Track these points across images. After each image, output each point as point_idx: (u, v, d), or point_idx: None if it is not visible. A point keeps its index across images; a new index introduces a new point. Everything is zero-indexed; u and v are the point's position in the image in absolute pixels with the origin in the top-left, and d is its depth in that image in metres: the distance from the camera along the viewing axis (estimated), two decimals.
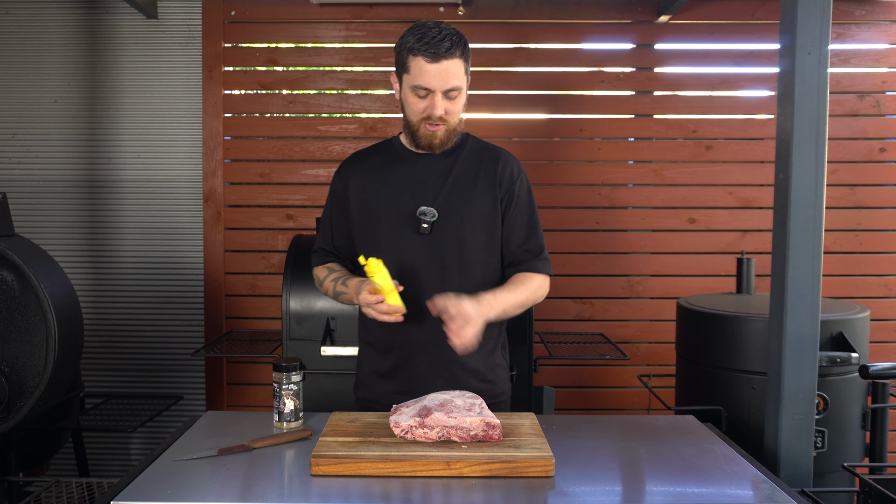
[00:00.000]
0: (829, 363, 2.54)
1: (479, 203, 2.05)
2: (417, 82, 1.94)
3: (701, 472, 1.70)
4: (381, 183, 2.08)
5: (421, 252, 2.03)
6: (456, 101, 1.98)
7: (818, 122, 2.17)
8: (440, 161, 2.07)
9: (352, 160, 2.18)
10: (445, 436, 1.71)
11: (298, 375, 1.90)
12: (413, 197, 2.04)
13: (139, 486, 1.58)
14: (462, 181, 2.05)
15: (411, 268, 2.02)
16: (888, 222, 3.79)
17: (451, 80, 1.94)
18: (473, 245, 2.04)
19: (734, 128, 3.80)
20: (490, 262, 2.08)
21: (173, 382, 3.84)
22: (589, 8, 3.79)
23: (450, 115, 1.98)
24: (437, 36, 1.92)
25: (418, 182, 2.05)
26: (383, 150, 2.15)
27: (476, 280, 2.04)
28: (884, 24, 3.78)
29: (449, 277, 2.02)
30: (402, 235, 2.03)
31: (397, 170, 2.08)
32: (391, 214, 2.05)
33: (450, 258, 2.03)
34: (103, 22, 3.80)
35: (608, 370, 3.82)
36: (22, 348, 2.53)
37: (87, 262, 3.84)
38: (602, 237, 3.81)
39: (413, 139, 2.04)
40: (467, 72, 2.00)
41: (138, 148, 3.82)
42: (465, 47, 1.97)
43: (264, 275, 3.84)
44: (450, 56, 1.92)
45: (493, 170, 2.07)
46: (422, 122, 1.99)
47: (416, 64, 1.93)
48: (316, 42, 3.84)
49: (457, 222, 2.03)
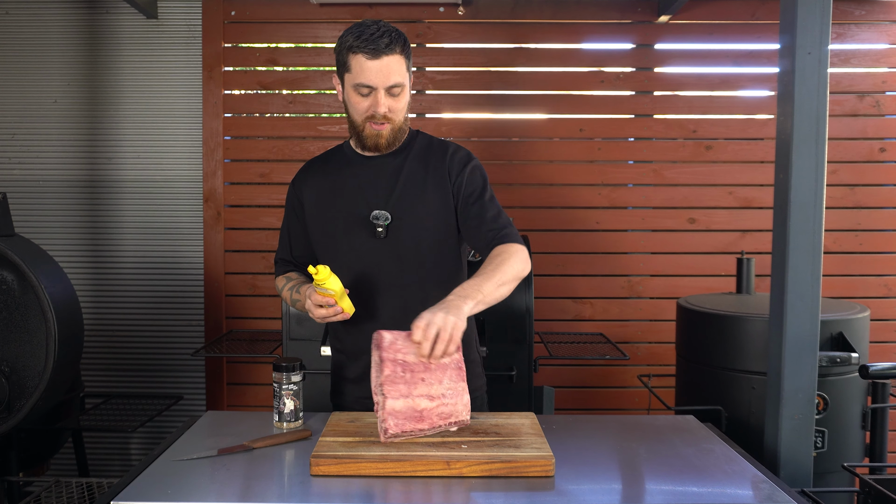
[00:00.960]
0: (829, 363, 2.54)
1: (430, 200, 2.03)
2: (359, 80, 1.92)
3: (701, 472, 1.70)
4: (333, 190, 2.08)
5: (378, 255, 2.02)
6: (399, 99, 1.96)
7: (818, 122, 2.17)
8: (389, 162, 2.06)
9: (304, 170, 2.17)
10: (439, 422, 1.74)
11: (298, 375, 1.90)
12: (366, 201, 2.03)
13: (139, 486, 1.58)
14: (412, 180, 2.04)
15: (370, 272, 2.02)
16: (888, 222, 3.79)
17: (393, 76, 1.92)
18: (430, 244, 2.03)
19: (734, 128, 3.80)
20: (448, 257, 2.07)
21: (173, 382, 3.84)
22: (589, 8, 3.79)
23: (394, 113, 1.97)
24: (376, 33, 1.91)
25: (369, 186, 2.04)
26: (334, 157, 2.15)
27: (435, 278, 2.03)
28: (884, 24, 3.78)
29: (408, 278, 2.02)
30: (358, 241, 2.03)
31: (348, 175, 2.08)
32: (346, 221, 2.04)
33: (407, 259, 2.02)
34: (103, 22, 3.80)
35: (608, 370, 3.82)
36: (22, 348, 2.53)
37: (87, 262, 3.84)
38: (602, 237, 3.81)
39: (359, 140, 2.02)
40: (409, 69, 1.99)
41: (138, 148, 3.82)
42: (406, 44, 1.96)
43: (264, 275, 3.84)
44: (390, 52, 1.91)
45: (441, 164, 2.05)
46: (366, 121, 1.97)
47: (356, 62, 1.92)
48: (316, 42, 3.84)
49: (410, 223, 2.02)
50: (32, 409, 2.51)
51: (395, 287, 2.02)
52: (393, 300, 2.02)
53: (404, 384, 1.73)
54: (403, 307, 2.00)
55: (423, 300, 1.99)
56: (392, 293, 2.02)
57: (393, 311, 2.02)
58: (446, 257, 2.07)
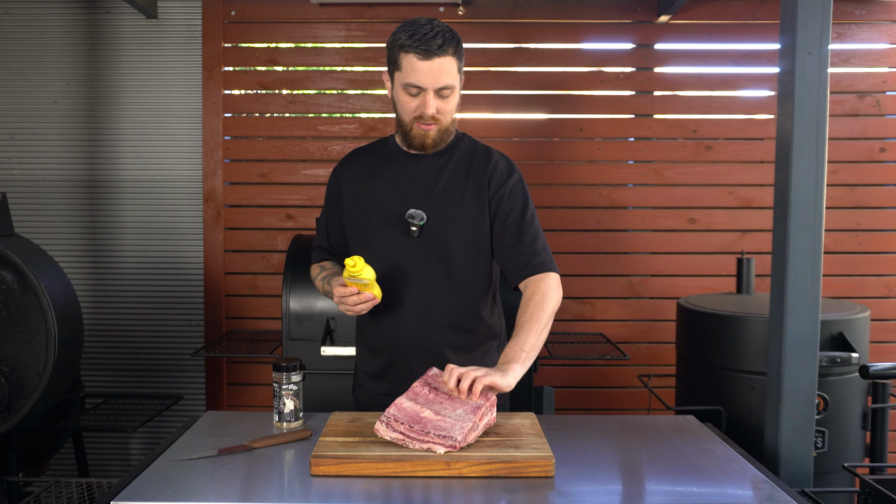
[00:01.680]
0: (829, 363, 2.55)
1: (467, 206, 2.01)
2: (409, 80, 1.90)
3: (701, 472, 1.70)
4: (373, 183, 2.07)
5: (410, 254, 2.01)
6: (448, 101, 1.94)
7: (818, 122, 2.17)
8: (432, 162, 2.04)
9: (347, 159, 2.16)
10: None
11: (298, 375, 1.90)
12: (404, 198, 2.02)
13: (139, 486, 1.58)
14: (452, 184, 2.02)
15: (401, 269, 2.01)
16: (888, 222, 3.79)
17: (444, 78, 1.89)
18: (461, 249, 2.02)
19: (734, 128, 3.80)
20: (478, 265, 2.05)
21: (173, 382, 3.84)
22: (589, 8, 3.79)
23: (442, 115, 1.95)
24: (429, 33, 1.88)
25: (408, 183, 2.03)
26: (378, 150, 2.13)
27: (464, 283, 2.03)
28: (884, 24, 3.78)
29: (437, 280, 2.01)
30: (391, 237, 2.02)
31: (389, 170, 2.06)
32: (382, 216, 2.03)
33: (437, 261, 2.01)
34: (103, 22, 3.80)
35: (608, 370, 3.82)
36: (22, 348, 2.53)
37: (87, 262, 3.84)
38: (602, 237, 3.81)
39: (405, 139, 2.01)
40: (460, 71, 1.95)
41: (138, 148, 3.82)
42: (458, 45, 1.93)
43: (264, 275, 3.84)
44: (442, 53, 1.88)
45: (482, 172, 2.03)
46: (414, 121, 1.96)
47: (407, 61, 1.89)
48: (316, 42, 3.84)
49: (444, 226, 2.01)
50: (32, 409, 2.51)
51: (422, 287, 2.01)
52: (418, 300, 2.01)
53: (423, 398, 1.77)
54: (428, 308, 2.01)
55: (447, 303, 2.02)
56: (418, 293, 2.01)
57: (417, 311, 2.02)
58: (476, 264, 2.05)
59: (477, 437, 1.71)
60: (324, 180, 3.79)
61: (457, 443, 1.64)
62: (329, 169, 3.79)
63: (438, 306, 2.02)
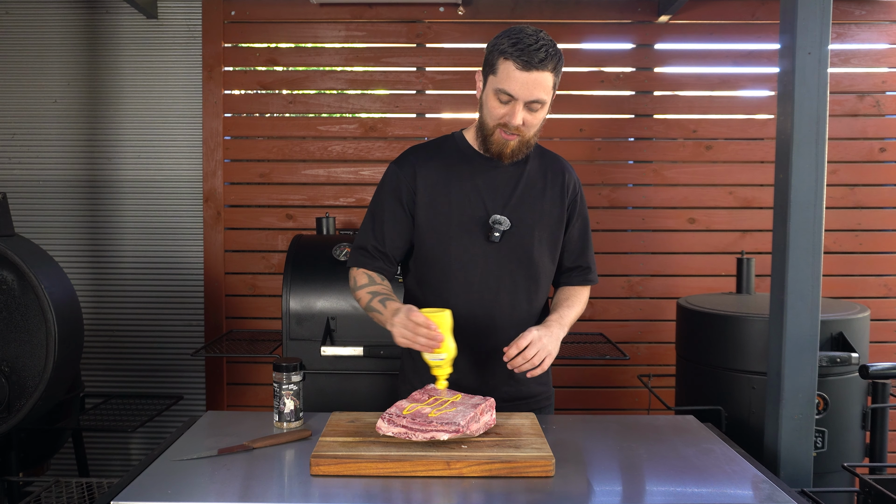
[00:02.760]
0: (829, 363, 2.54)
1: (547, 213, 2.04)
2: (502, 86, 1.87)
3: (701, 472, 1.70)
4: (449, 185, 2.01)
5: (490, 260, 2.00)
6: (537, 115, 1.91)
7: (818, 122, 2.17)
8: (509, 167, 2.03)
9: (416, 156, 2.06)
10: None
11: (298, 375, 1.90)
12: (483, 203, 2.00)
13: (139, 486, 1.58)
14: (531, 190, 2.03)
15: (480, 276, 2.01)
16: (888, 222, 3.79)
17: (538, 91, 1.86)
18: (540, 255, 2.04)
19: (734, 128, 3.80)
20: (551, 269, 2.11)
21: (173, 382, 3.84)
22: (589, 8, 3.79)
23: (527, 128, 1.92)
24: (534, 45, 1.84)
25: (487, 187, 2.01)
26: (447, 149, 2.07)
27: (541, 289, 2.07)
28: (884, 24, 3.78)
29: (518, 287, 2.02)
30: (472, 243, 2.00)
31: (467, 173, 2.02)
32: (461, 220, 2.00)
33: (518, 268, 2.02)
34: (103, 22, 3.80)
35: (608, 370, 3.82)
36: (22, 348, 2.53)
37: (87, 262, 3.84)
38: (602, 237, 3.81)
39: (484, 143, 1.98)
40: (555, 87, 1.92)
41: (138, 148, 3.82)
42: (560, 62, 1.89)
43: (264, 275, 3.84)
44: (542, 68, 1.84)
45: (559, 179, 2.07)
46: (497, 127, 1.92)
47: (504, 68, 1.86)
48: (316, 42, 3.84)
49: (525, 232, 2.01)
50: (32, 409, 2.51)
51: (500, 292, 2.02)
52: (495, 305, 2.02)
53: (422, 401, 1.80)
54: (503, 312, 2.03)
55: (523, 308, 2.05)
56: (495, 297, 2.02)
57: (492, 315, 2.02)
58: (550, 269, 2.10)
59: (478, 431, 1.71)
60: (324, 180, 3.79)
61: (460, 427, 1.65)
62: (329, 169, 3.79)
63: (516, 311, 2.04)
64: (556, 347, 1.91)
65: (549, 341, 1.88)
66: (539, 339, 1.86)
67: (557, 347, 1.92)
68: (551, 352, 1.89)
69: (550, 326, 1.94)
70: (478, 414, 1.71)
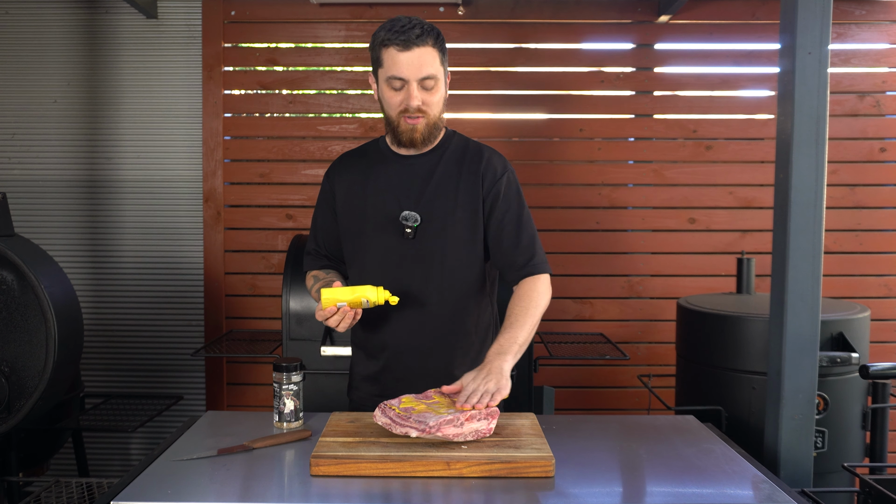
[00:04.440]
0: (829, 363, 2.55)
1: (461, 206, 2.01)
2: (391, 73, 1.91)
3: (701, 472, 1.70)
4: (365, 186, 2.06)
5: (405, 256, 2.01)
6: (433, 93, 1.95)
7: (818, 122, 2.17)
8: (423, 162, 2.04)
9: (339, 162, 2.16)
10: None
11: (298, 375, 1.90)
12: (397, 200, 2.02)
13: (139, 486, 1.58)
14: (444, 183, 2.02)
15: (397, 272, 2.01)
16: (888, 222, 3.79)
17: (425, 68, 1.90)
18: (456, 248, 2.02)
19: (734, 128, 3.80)
20: (473, 264, 2.04)
21: (173, 382, 3.84)
22: (589, 8, 3.79)
23: (428, 107, 1.95)
24: (407, 24, 1.89)
25: (401, 185, 2.03)
26: (369, 152, 2.13)
27: (459, 283, 2.03)
28: (884, 24, 3.78)
29: (432, 281, 2.01)
30: (386, 240, 2.02)
31: (381, 172, 2.06)
32: (376, 219, 2.03)
33: (433, 262, 2.01)
34: (103, 22, 3.80)
35: (608, 370, 3.82)
36: (22, 348, 2.53)
37: (87, 262, 3.84)
38: (602, 237, 3.81)
39: (395, 136, 2.00)
40: (444, 64, 1.97)
41: (138, 148, 3.82)
42: (438, 38, 1.94)
43: (264, 275, 3.84)
44: (421, 43, 1.89)
45: (475, 169, 2.03)
46: (400, 115, 1.95)
47: (388, 55, 1.91)
48: (316, 42, 3.84)
49: (439, 226, 2.00)
50: (32, 409, 2.51)
51: (418, 288, 2.01)
52: (414, 303, 2.01)
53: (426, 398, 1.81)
54: (424, 309, 2.02)
55: (442, 303, 2.02)
56: (413, 295, 2.01)
57: (413, 313, 2.02)
58: (470, 264, 2.04)
59: (460, 436, 1.68)
60: None
61: (428, 428, 1.65)
62: None
63: (434, 307, 2.02)
64: (499, 381, 1.77)
65: (489, 379, 1.77)
66: (472, 380, 1.79)
67: (504, 379, 1.78)
68: (496, 389, 1.76)
69: (489, 362, 1.83)
70: (462, 419, 1.69)
